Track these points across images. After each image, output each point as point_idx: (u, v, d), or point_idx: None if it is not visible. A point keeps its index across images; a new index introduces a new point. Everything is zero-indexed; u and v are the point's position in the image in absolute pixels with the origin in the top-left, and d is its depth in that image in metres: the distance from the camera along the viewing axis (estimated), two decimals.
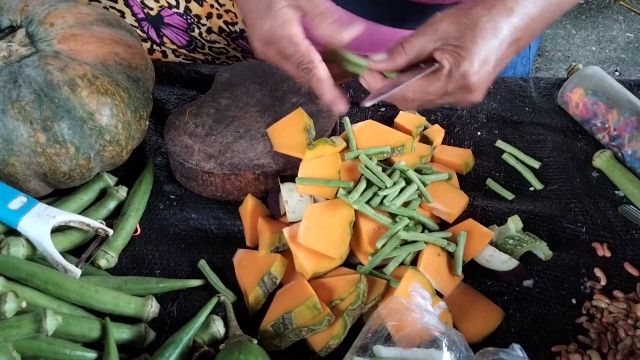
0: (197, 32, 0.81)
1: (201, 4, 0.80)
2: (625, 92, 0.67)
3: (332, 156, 0.58)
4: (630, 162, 0.64)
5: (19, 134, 0.52)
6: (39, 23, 0.57)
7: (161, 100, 0.71)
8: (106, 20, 0.61)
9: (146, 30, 0.78)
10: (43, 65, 0.54)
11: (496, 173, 0.65)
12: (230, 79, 0.70)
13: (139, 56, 0.61)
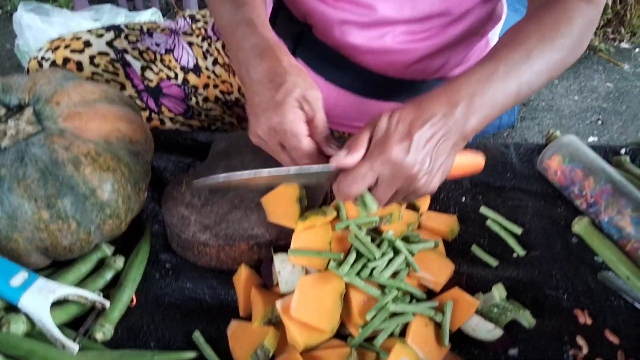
0: (194, 101, 0.85)
1: (199, 75, 0.84)
2: (600, 161, 0.71)
3: (323, 227, 0.60)
4: (607, 228, 0.67)
5: (23, 211, 0.54)
6: (45, 102, 0.61)
7: (159, 168, 0.74)
8: (109, 97, 0.64)
9: (145, 100, 0.82)
10: (49, 144, 0.56)
11: (481, 239, 0.68)
12: (226, 148, 0.73)
13: (139, 130, 0.64)
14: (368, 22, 0.72)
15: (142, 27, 0.83)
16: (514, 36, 0.60)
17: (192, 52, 0.84)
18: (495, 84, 0.56)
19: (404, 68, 0.78)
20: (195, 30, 0.86)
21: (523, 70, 0.58)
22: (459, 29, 0.75)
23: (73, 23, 1.38)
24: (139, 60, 0.80)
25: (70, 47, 0.77)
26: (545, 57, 0.59)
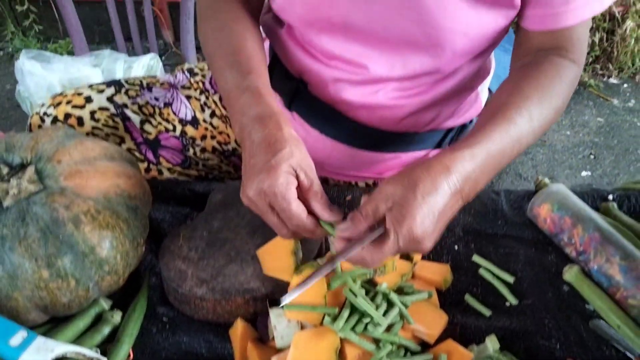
0: (191, 152, 0.87)
1: (196, 127, 0.87)
2: (587, 209, 0.73)
3: (318, 280, 0.61)
4: (597, 277, 0.68)
5: (24, 271, 0.55)
6: (47, 160, 0.62)
7: (156, 220, 0.75)
8: (109, 154, 0.66)
9: (144, 152, 0.84)
10: (50, 203, 0.58)
11: (474, 288, 0.69)
12: (223, 199, 0.74)
13: (138, 186, 0.66)
14: (361, 80, 0.75)
15: (142, 82, 0.85)
16: (517, 96, 0.63)
17: (190, 105, 0.87)
18: (501, 159, 0.59)
19: (397, 122, 0.80)
20: (194, 84, 0.89)
21: (526, 133, 0.61)
22: (449, 85, 0.78)
23: (73, 69, 1.42)
24: (139, 114, 0.82)
25: (71, 102, 0.79)
26: (542, 118, 0.63)
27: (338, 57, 0.73)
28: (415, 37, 0.68)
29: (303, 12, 0.72)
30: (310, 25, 0.73)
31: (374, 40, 0.70)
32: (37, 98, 1.37)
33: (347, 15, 0.68)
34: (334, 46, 0.73)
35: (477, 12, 0.66)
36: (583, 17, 0.66)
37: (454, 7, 0.64)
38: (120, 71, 1.47)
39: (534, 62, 0.68)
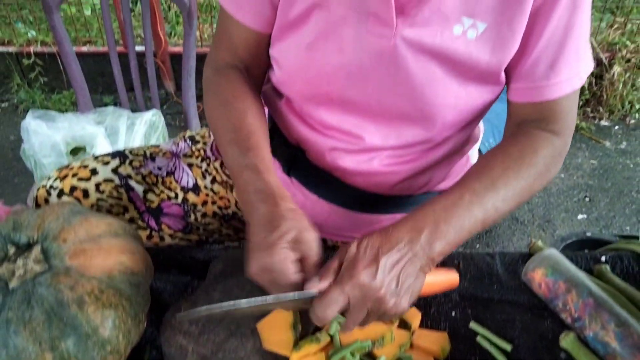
0: (192, 218, 0.89)
1: (197, 194, 0.89)
2: (580, 274, 0.75)
3: (317, 355, 0.62)
4: (593, 344, 0.69)
5: (27, 354, 0.56)
6: (53, 239, 0.64)
7: (157, 290, 0.76)
8: (113, 230, 0.68)
9: (147, 220, 0.86)
10: (55, 284, 0.59)
11: (472, 357, 0.70)
12: (223, 269, 0.76)
13: (141, 261, 0.68)
14: (357, 149, 0.78)
15: (145, 152, 0.88)
16: (481, 167, 0.67)
17: (192, 173, 0.89)
18: (460, 211, 0.62)
19: (391, 187, 0.83)
20: (195, 151, 0.92)
21: (488, 197, 0.64)
22: (441, 152, 0.81)
23: (77, 127, 1.46)
24: (142, 184, 0.85)
25: (77, 175, 0.82)
26: (511, 185, 0.65)
27: (335, 128, 0.77)
28: (407, 111, 0.72)
29: (302, 88, 0.75)
30: (309, 99, 0.76)
31: (369, 113, 0.74)
32: (41, 156, 1.40)
33: (344, 91, 0.72)
34: (331, 118, 0.76)
35: (466, 88, 0.70)
36: (563, 92, 0.69)
37: (443, 84, 0.68)
38: (123, 128, 1.51)
39: (512, 135, 0.72)
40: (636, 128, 2.77)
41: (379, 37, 0.65)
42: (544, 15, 0.64)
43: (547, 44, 0.66)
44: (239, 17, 0.75)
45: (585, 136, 2.69)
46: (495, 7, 0.63)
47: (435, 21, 0.63)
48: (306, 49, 0.70)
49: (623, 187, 2.37)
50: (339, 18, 0.66)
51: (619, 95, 2.73)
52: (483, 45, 0.65)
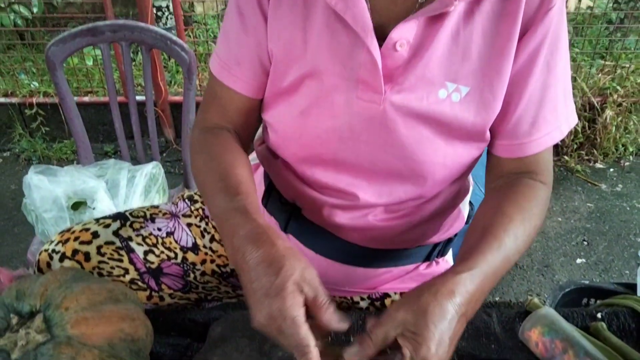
0: (192, 277, 0.90)
1: (197, 253, 0.91)
2: (576, 334, 0.75)
3: None
4: None
5: None
6: (55, 307, 0.65)
7: (157, 354, 0.77)
8: (114, 297, 0.69)
9: (147, 281, 0.87)
10: (57, 355, 0.60)
11: None
12: (221, 333, 0.76)
13: (141, 327, 0.69)
14: (351, 205, 0.80)
15: (146, 214, 0.90)
16: (501, 218, 0.69)
17: (191, 232, 0.91)
18: (496, 276, 0.64)
19: (387, 241, 0.84)
20: (194, 211, 0.94)
21: (512, 252, 0.66)
22: (433, 207, 0.83)
23: (78, 181, 1.48)
24: (142, 245, 0.86)
25: (79, 239, 0.83)
26: (524, 237, 0.68)
27: (330, 186, 0.79)
28: (399, 169, 0.75)
29: (296, 150, 0.78)
30: (303, 161, 0.79)
31: (362, 172, 0.76)
32: (42, 211, 1.42)
33: (337, 153, 0.75)
34: (325, 177, 0.78)
35: (453, 147, 0.73)
36: (546, 145, 0.74)
37: (431, 144, 0.72)
38: (124, 181, 1.53)
39: (511, 184, 0.75)
40: (631, 170, 2.80)
41: (368, 102, 0.69)
42: (523, 79, 0.69)
43: (527, 105, 0.70)
44: (231, 84, 0.78)
45: (581, 179, 2.73)
46: (476, 72, 0.67)
47: (421, 87, 0.67)
48: (299, 115, 0.73)
49: (620, 230, 2.38)
50: (330, 86, 0.69)
51: (612, 138, 2.78)
52: (467, 107, 0.69)
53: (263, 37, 0.73)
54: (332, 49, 0.68)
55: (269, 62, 0.75)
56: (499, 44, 0.66)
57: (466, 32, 0.66)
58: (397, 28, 0.65)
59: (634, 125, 2.79)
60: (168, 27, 3.51)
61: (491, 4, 0.65)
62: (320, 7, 0.68)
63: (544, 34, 0.66)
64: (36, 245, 1.49)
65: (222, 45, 0.79)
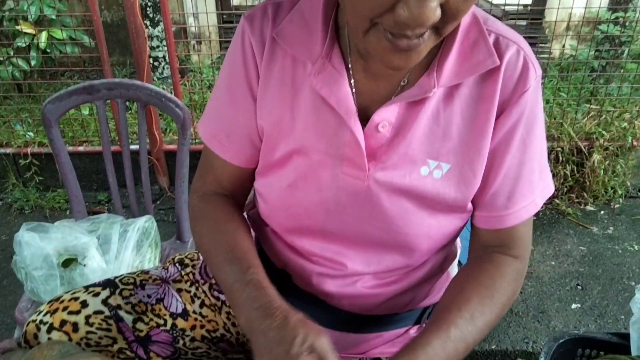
0: (181, 343, 0.90)
1: (186, 319, 0.90)
2: None
3: None
4: None
5: None
6: None
7: None
8: None
9: (135, 350, 0.86)
10: None
11: None
12: None
13: None
14: (340, 274, 0.81)
15: (135, 280, 0.91)
16: (459, 298, 0.70)
17: (181, 298, 0.91)
18: (449, 348, 0.65)
19: (375, 307, 0.85)
20: (184, 276, 0.94)
21: (469, 332, 0.67)
22: (421, 273, 0.84)
23: (70, 237, 1.48)
24: (131, 313, 0.86)
25: (68, 309, 0.83)
26: (486, 316, 0.69)
27: (318, 255, 0.80)
28: (385, 240, 0.76)
29: (285, 221, 0.80)
30: (291, 231, 0.80)
31: (349, 242, 0.78)
32: (32, 269, 1.41)
33: (324, 225, 0.76)
34: (313, 247, 0.79)
35: (436, 218, 0.75)
36: (522, 218, 0.75)
37: (415, 217, 0.73)
38: (115, 236, 1.53)
39: (479, 261, 0.77)
40: (621, 213, 2.83)
41: (353, 178, 0.71)
42: (500, 155, 0.72)
43: (503, 180, 0.73)
44: (223, 156, 0.81)
45: (573, 222, 2.74)
46: (456, 150, 0.70)
47: (403, 164, 0.70)
48: (287, 188, 0.75)
49: (614, 274, 2.38)
50: (317, 162, 0.72)
51: (601, 182, 2.82)
52: (448, 183, 0.71)
53: (252, 115, 0.77)
54: (318, 128, 0.71)
55: (258, 138, 0.78)
56: (477, 124, 0.69)
57: (446, 113, 0.69)
58: (379, 111, 0.68)
59: (621, 169, 2.83)
60: (164, 76, 3.58)
61: (469, 88, 0.69)
62: (307, 89, 0.71)
63: (520, 113, 0.69)
64: (24, 303, 1.47)
65: (212, 116, 0.82)
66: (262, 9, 0.74)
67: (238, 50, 0.75)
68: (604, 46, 3.26)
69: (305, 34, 0.69)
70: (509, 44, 0.68)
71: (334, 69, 0.68)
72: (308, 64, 0.70)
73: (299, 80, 0.72)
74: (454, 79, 0.67)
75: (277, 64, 0.73)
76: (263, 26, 0.73)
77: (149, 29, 3.45)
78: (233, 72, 0.76)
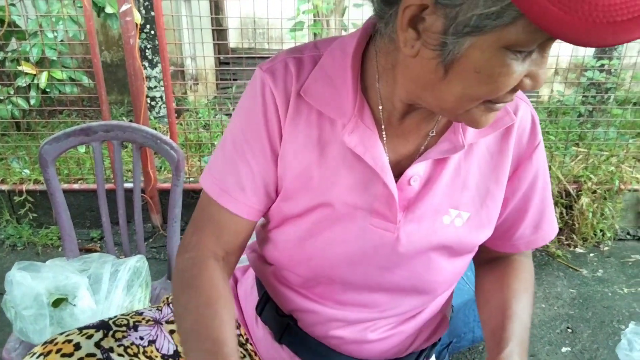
0: None
1: None
2: None
3: None
4: None
5: None
6: None
7: None
8: None
9: None
10: None
11: None
12: None
13: None
14: (354, 320, 0.82)
15: (129, 322, 0.91)
16: (511, 295, 0.79)
17: (173, 340, 0.92)
18: (525, 342, 0.76)
19: (383, 352, 0.87)
20: None
21: (527, 320, 0.79)
22: (428, 314, 0.88)
23: (61, 277, 1.48)
24: (124, 356, 0.87)
25: (61, 351, 0.84)
26: (531, 303, 0.82)
27: (335, 300, 0.81)
28: (405, 287, 0.80)
29: (302, 271, 0.80)
30: (309, 279, 0.81)
31: (369, 291, 0.80)
32: (21, 309, 1.41)
33: (345, 275, 0.78)
34: (331, 293, 0.81)
35: (454, 264, 0.80)
36: (546, 240, 0.85)
37: (437, 263, 0.78)
38: (106, 276, 1.54)
39: (505, 262, 0.86)
40: (610, 255, 2.86)
41: (383, 230, 0.74)
42: (523, 204, 0.81)
43: (530, 220, 0.82)
44: (233, 209, 0.77)
45: (563, 264, 2.77)
46: (474, 200, 0.76)
47: (429, 214, 0.74)
48: (309, 238, 0.76)
49: (604, 317, 2.39)
50: (344, 214, 0.74)
51: (590, 224, 2.86)
52: (469, 231, 0.76)
53: (271, 168, 0.75)
54: (350, 183, 0.72)
55: (275, 191, 0.77)
56: (494, 176, 0.76)
57: (466, 165, 0.74)
58: (413, 166, 0.72)
59: (609, 212, 2.88)
60: (161, 115, 3.65)
61: (486, 144, 0.75)
62: (336, 146, 0.72)
63: (537, 165, 0.79)
64: (12, 343, 1.46)
65: (221, 168, 0.78)
66: (283, 64, 0.73)
67: (258, 102, 0.73)
68: (590, 92, 3.36)
69: (333, 93, 0.70)
70: (518, 102, 0.75)
71: (367, 127, 0.70)
72: (337, 121, 0.71)
73: (326, 136, 0.72)
74: (478, 135, 0.72)
75: (302, 119, 0.72)
76: (287, 81, 0.72)
77: (147, 70, 3.54)
78: (252, 124, 0.74)
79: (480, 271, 0.89)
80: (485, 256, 0.88)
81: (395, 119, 0.72)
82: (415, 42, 0.58)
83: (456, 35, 0.54)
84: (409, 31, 0.57)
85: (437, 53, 0.57)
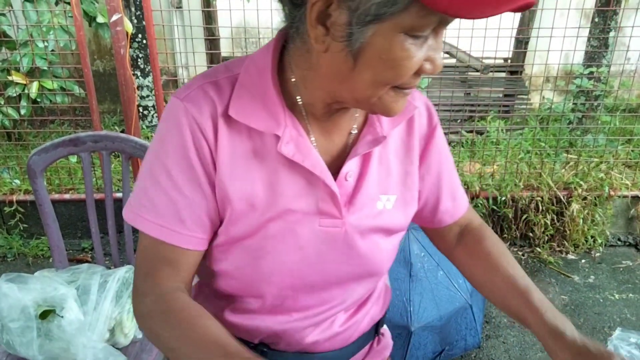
0: None
1: None
2: None
3: None
4: None
5: None
6: None
7: None
8: None
9: None
10: None
11: None
12: None
13: None
14: (321, 319, 0.86)
15: None
16: (507, 262, 0.86)
17: None
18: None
19: (351, 336, 0.92)
20: None
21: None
22: (378, 290, 0.97)
23: (49, 288, 1.47)
24: None
25: None
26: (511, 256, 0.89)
27: (302, 308, 0.84)
28: (359, 274, 0.85)
29: (268, 289, 0.80)
30: (275, 297, 0.81)
31: (330, 286, 0.84)
32: (8, 321, 1.40)
33: (306, 278, 0.81)
34: (298, 302, 0.83)
35: (392, 242, 0.87)
36: (467, 204, 0.96)
37: (380, 246, 0.83)
38: (95, 287, 1.53)
39: (476, 232, 0.93)
40: (601, 261, 2.87)
41: (332, 227, 0.78)
42: (441, 172, 0.90)
43: (448, 187, 0.92)
44: (182, 244, 0.74)
45: (554, 270, 2.77)
46: (398, 183, 0.83)
47: (366, 203, 0.80)
48: (265, 255, 0.76)
49: (595, 323, 2.39)
50: (293, 222, 0.76)
51: (581, 230, 2.87)
52: (398, 210, 0.84)
53: (210, 195, 0.74)
54: (293, 190, 0.75)
55: (217, 217, 0.76)
56: (408, 158, 0.85)
57: (386, 154, 0.82)
58: (347, 163, 0.77)
59: (600, 218, 2.89)
60: (153, 124, 3.65)
61: (397, 132, 0.84)
62: (273, 158, 0.73)
63: (440, 143, 0.89)
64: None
65: (154, 206, 0.73)
66: (201, 90, 0.72)
67: (184, 133, 0.71)
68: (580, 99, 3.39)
69: (260, 108, 0.71)
70: (414, 94, 0.84)
71: (299, 135, 0.73)
72: (265, 135, 0.72)
73: (261, 151, 0.73)
74: (392, 124, 0.80)
75: (235, 140, 0.72)
76: (210, 105, 0.71)
77: (139, 79, 3.55)
78: (180, 155, 0.71)
79: (455, 257, 0.95)
80: (443, 245, 0.97)
81: (320, 122, 0.77)
82: (325, 38, 0.63)
83: (360, 24, 0.59)
84: (318, 28, 0.63)
85: (345, 44, 0.62)
